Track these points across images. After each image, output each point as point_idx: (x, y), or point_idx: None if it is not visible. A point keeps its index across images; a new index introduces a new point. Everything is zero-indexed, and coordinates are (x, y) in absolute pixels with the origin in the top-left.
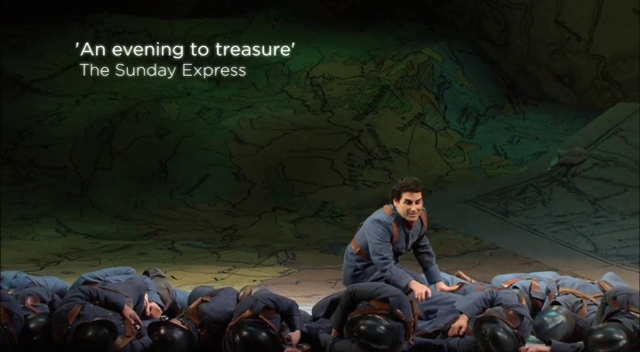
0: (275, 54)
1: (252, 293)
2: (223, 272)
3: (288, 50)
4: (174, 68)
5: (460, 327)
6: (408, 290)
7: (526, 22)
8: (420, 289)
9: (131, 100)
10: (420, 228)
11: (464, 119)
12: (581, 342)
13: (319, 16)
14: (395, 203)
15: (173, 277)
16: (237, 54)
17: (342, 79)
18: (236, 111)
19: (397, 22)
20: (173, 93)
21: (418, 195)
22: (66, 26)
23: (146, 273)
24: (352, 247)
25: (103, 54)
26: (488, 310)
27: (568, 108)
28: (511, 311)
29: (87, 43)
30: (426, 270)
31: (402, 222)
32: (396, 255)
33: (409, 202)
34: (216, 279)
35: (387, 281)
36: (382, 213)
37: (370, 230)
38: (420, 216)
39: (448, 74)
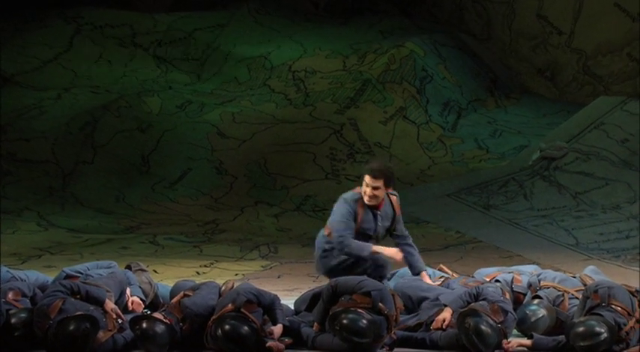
0: (257, 48)
1: (234, 287)
2: (205, 266)
3: (270, 44)
4: (156, 62)
5: (444, 320)
6: (374, 254)
7: (508, 16)
8: (388, 251)
9: (113, 94)
10: (392, 212)
11: (446, 113)
12: (563, 336)
13: (301, 9)
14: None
15: (155, 271)
16: (219, 47)
17: (324, 73)
18: (218, 105)
19: (379, 15)
20: (155, 87)
21: (377, 183)
22: (47, 20)
23: (128, 267)
24: (324, 229)
25: (85, 47)
26: (472, 304)
27: (550, 102)
28: (495, 306)
29: (68, 37)
30: (408, 262)
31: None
32: (366, 237)
33: (367, 185)
34: (198, 273)
35: (348, 255)
36: (351, 192)
37: (335, 208)
38: (391, 201)
39: (430, 68)
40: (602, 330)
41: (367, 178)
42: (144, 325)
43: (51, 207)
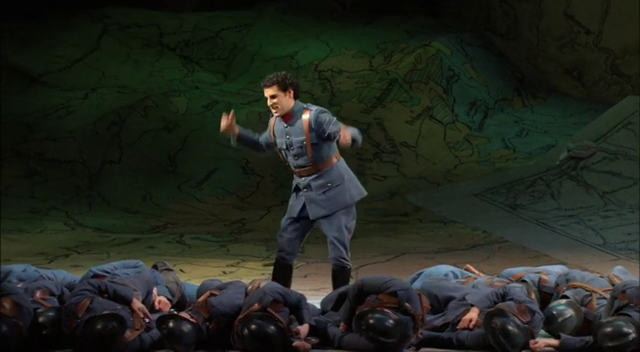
0: (283, 47)
1: (261, 286)
2: (232, 265)
3: (297, 43)
4: (183, 61)
5: (470, 320)
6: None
7: (535, 15)
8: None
9: (140, 94)
10: (308, 128)
11: (472, 112)
12: (591, 336)
13: (328, 9)
14: None
15: (182, 270)
16: (246, 47)
17: (350, 73)
18: (244, 105)
19: (405, 15)
20: (182, 86)
21: (269, 91)
22: (75, 20)
23: (155, 267)
24: None
25: (112, 47)
26: (499, 304)
27: (577, 102)
28: (522, 306)
29: (96, 37)
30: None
31: (282, 116)
32: (283, 151)
33: (266, 97)
34: (224, 273)
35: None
36: None
37: None
38: (307, 115)
39: (457, 67)
40: (630, 331)
41: (264, 91)
42: (171, 324)
43: (78, 206)
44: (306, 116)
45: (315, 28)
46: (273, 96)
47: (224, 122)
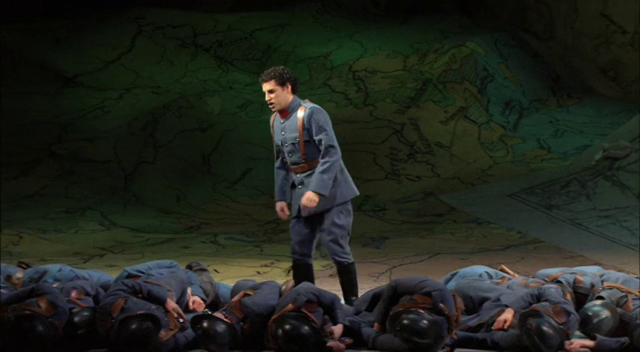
0: (317, 47)
1: (295, 286)
2: (266, 265)
3: (331, 44)
4: (217, 62)
5: (505, 321)
6: None
7: (571, 15)
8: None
9: (174, 94)
10: (303, 125)
11: (507, 112)
12: (626, 337)
13: (362, 9)
14: None
15: (216, 270)
16: (280, 48)
17: (384, 73)
18: None
19: (440, 14)
20: (216, 87)
21: (266, 86)
22: (109, 20)
23: (189, 267)
24: None
25: (146, 48)
26: (534, 305)
27: (612, 102)
28: (558, 307)
29: (130, 37)
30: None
31: (279, 111)
32: (280, 147)
33: (265, 92)
34: (258, 273)
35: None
36: None
37: None
38: (301, 113)
39: (491, 67)
40: None
41: (262, 85)
42: (205, 324)
43: (113, 206)
44: (300, 113)
45: (350, 29)
46: (270, 91)
47: (281, 215)
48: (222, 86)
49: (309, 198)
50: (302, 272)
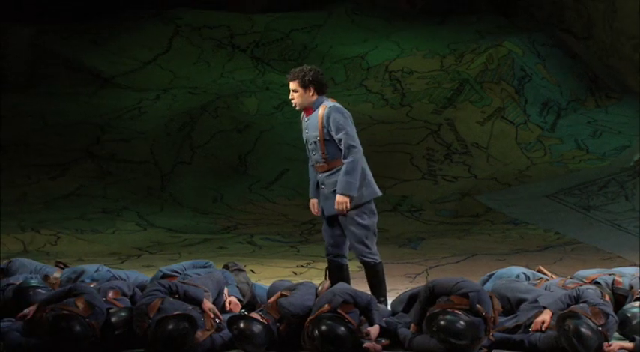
0: (353, 48)
1: (331, 287)
2: (302, 266)
3: (367, 44)
4: (254, 62)
5: (543, 322)
6: None
7: (609, 14)
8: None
9: (211, 95)
10: (323, 123)
11: (545, 113)
12: None
13: (398, 9)
14: None
15: (252, 271)
16: (316, 48)
17: (421, 73)
18: None
19: (476, 15)
20: (252, 87)
21: (291, 85)
22: (146, 21)
23: (226, 267)
24: None
25: (183, 49)
26: (572, 306)
27: None
28: (596, 309)
29: (167, 38)
30: None
31: (304, 109)
32: (305, 146)
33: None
34: (295, 273)
35: None
36: None
37: None
38: (321, 111)
39: (529, 67)
40: None
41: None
42: (241, 325)
43: (150, 207)
44: (320, 112)
45: (386, 29)
46: (293, 91)
47: (313, 212)
48: (258, 87)
49: (338, 202)
50: (337, 272)
